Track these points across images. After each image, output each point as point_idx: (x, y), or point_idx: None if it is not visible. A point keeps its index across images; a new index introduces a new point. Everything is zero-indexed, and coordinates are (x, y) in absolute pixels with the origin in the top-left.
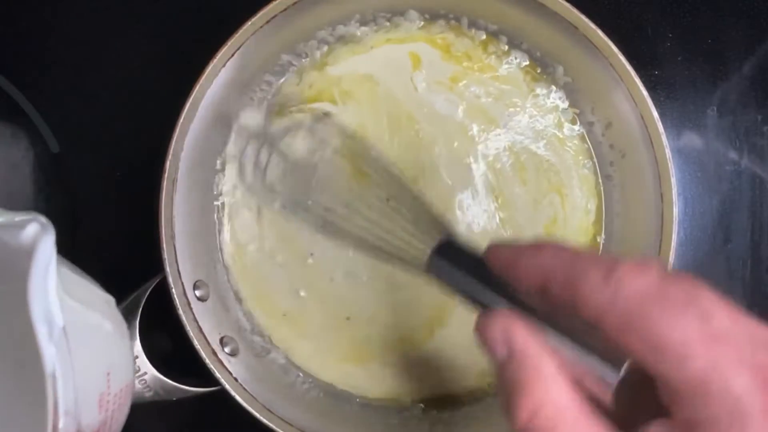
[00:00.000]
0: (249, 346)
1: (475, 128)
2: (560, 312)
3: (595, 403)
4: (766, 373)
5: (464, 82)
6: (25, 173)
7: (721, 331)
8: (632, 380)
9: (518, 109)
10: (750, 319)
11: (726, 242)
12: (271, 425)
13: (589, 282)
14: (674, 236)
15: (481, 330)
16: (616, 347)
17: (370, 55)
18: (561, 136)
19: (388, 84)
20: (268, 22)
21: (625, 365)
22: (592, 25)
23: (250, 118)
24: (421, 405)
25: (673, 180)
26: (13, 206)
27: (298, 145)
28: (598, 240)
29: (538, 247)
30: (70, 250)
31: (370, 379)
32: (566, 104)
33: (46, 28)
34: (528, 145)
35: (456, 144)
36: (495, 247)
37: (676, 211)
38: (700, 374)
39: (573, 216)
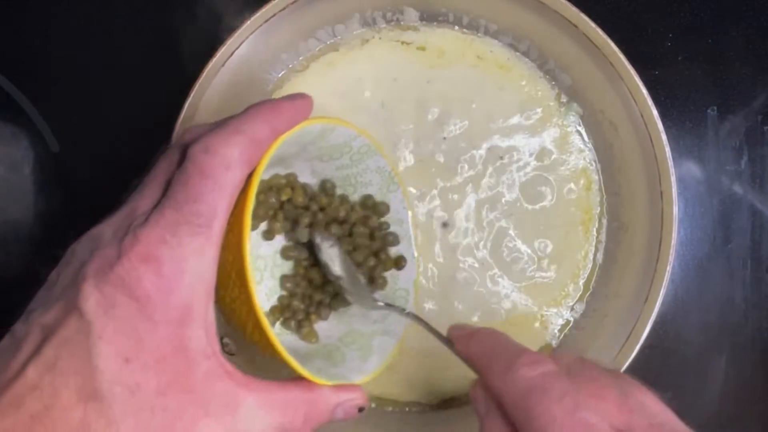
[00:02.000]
0: (248, 347)
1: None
2: None
3: None
4: None
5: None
6: (25, 173)
7: (582, 419)
8: None
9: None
10: (623, 408)
11: (726, 242)
12: None
13: (495, 369)
14: (674, 236)
15: (471, 392)
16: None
17: (369, 56)
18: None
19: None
20: (267, 21)
21: None
22: (592, 24)
23: None
24: (421, 405)
25: (673, 179)
26: (12, 206)
27: None
28: (598, 237)
29: (476, 332)
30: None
31: (371, 381)
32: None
33: (46, 28)
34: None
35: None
36: (452, 328)
37: (676, 210)
38: None
39: (570, 213)
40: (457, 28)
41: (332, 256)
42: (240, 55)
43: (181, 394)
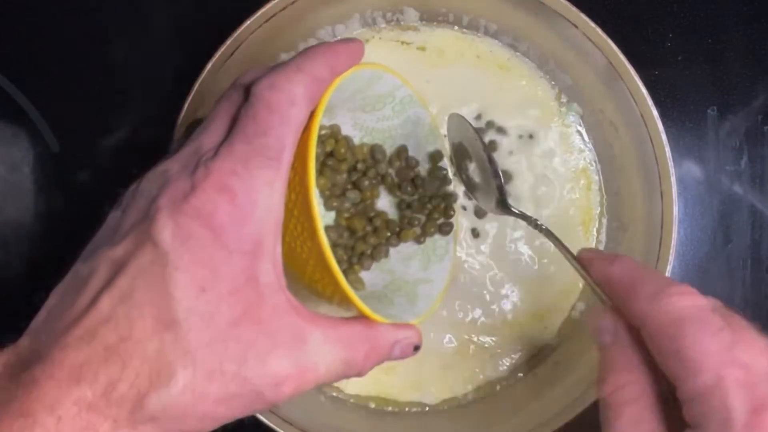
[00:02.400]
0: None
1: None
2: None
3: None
4: (760, 402)
5: None
6: (25, 173)
7: (739, 358)
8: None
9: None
10: None
11: (726, 242)
12: (271, 425)
13: (642, 293)
14: (674, 236)
15: (592, 320)
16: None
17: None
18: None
19: None
20: (267, 20)
21: None
22: (592, 24)
23: None
24: (420, 405)
25: (673, 179)
26: (12, 206)
27: None
28: (598, 237)
29: (617, 256)
30: (70, 250)
31: (370, 381)
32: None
33: (46, 28)
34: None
35: None
36: (586, 251)
37: (676, 210)
38: (707, 387)
39: (570, 213)
40: (456, 28)
41: (469, 167)
42: (240, 55)
43: (252, 325)
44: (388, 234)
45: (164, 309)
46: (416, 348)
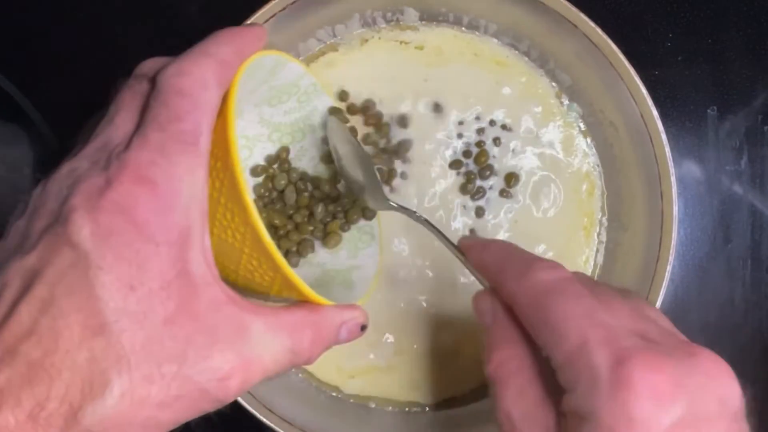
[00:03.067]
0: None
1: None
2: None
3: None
4: (621, 354)
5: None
6: (25, 173)
7: (602, 319)
8: None
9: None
10: (637, 319)
11: (726, 242)
12: (270, 424)
13: (510, 273)
14: (674, 236)
15: (474, 303)
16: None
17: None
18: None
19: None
20: (266, 21)
21: None
22: (592, 24)
23: None
24: (420, 405)
25: (673, 179)
26: (13, 206)
27: None
28: (598, 238)
29: (491, 242)
30: None
31: (370, 381)
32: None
33: (46, 28)
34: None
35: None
36: (464, 239)
37: (676, 210)
38: (573, 350)
39: (574, 216)
40: (456, 28)
41: (351, 162)
42: None
43: (188, 321)
44: (311, 228)
45: (91, 314)
46: (363, 327)
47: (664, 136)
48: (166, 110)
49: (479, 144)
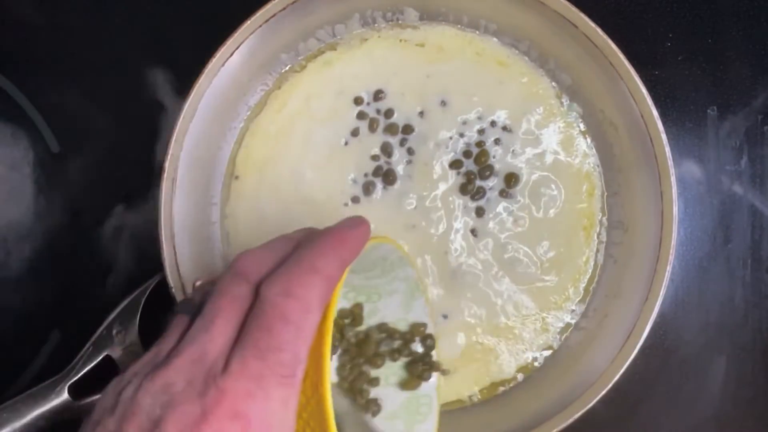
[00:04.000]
0: None
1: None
2: None
3: None
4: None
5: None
6: (25, 173)
7: None
8: None
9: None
10: None
11: (726, 242)
12: None
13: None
14: (674, 236)
15: None
16: None
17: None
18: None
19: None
20: (267, 21)
21: None
22: (592, 24)
23: None
24: None
25: (673, 179)
26: (12, 206)
27: None
28: (598, 238)
29: None
30: (70, 250)
31: None
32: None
33: (46, 28)
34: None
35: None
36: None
37: (676, 210)
38: None
39: (574, 216)
40: (457, 27)
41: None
42: (240, 55)
43: None
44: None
45: None
46: None
47: (664, 136)
48: (268, 337)
49: (479, 144)
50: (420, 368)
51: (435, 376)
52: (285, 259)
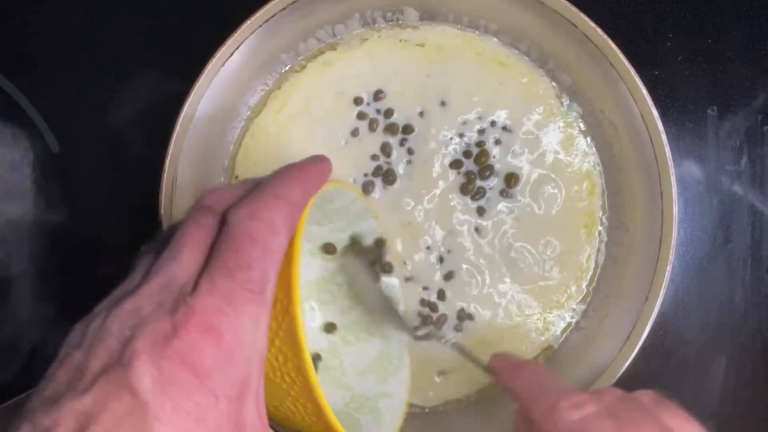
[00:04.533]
0: None
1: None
2: None
3: None
4: None
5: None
6: (25, 173)
7: None
8: None
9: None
10: None
11: (726, 242)
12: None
13: (539, 406)
14: (674, 236)
15: (515, 419)
16: None
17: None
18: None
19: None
20: (267, 21)
21: None
22: (592, 24)
23: None
24: (425, 407)
25: (673, 179)
26: (12, 206)
27: None
28: (599, 237)
29: (522, 365)
30: (69, 250)
31: None
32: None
33: (45, 28)
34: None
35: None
36: (495, 359)
37: (676, 210)
38: None
39: (575, 214)
40: (457, 27)
41: (395, 292)
42: (240, 55)
43: None
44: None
45: None
46: None
47: (664, 136)
48: (236, 256)
49: (479, 144)
50: (377, 268)
51: (396, 279)
52: (249, 193)
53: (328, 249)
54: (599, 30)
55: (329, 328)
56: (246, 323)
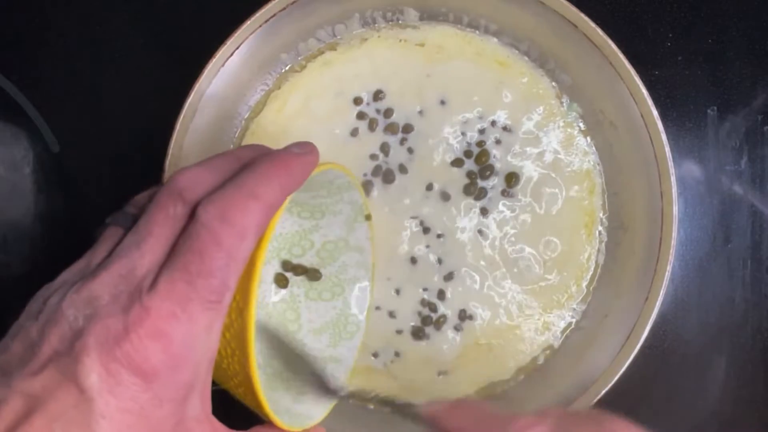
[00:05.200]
0: None
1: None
2: None
3: None
4: None
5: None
6: (25, 173)
7: None
8: None
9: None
10: None
11: (726, 242)
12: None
13: None
14: (674, 236)
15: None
16: None
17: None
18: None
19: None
20: (267, 21)
21: None
22: (592, 24)
23: None
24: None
25: (673, 179)
26: (12, 206)
27: None
28: (599, 236)
29: (456, 406)
30: (69, 250)
31: (370, 382)
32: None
33: (46, 28)
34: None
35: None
36: (426, 407)
37: (676, 210)
38: None
39: (575, 213)
40: (457, 26)
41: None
42: (240, 55)
43: None
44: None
45: None
46: None
47: (664, 136)
48: (200, 261)
49: (480, 143)
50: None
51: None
52: (226, 179)
53: (303, 215)
54: (599, 30)
55: (297, 271)
56: (198, 331)
